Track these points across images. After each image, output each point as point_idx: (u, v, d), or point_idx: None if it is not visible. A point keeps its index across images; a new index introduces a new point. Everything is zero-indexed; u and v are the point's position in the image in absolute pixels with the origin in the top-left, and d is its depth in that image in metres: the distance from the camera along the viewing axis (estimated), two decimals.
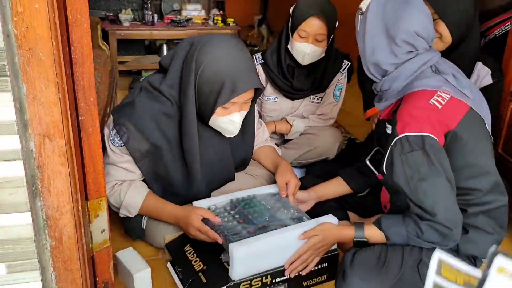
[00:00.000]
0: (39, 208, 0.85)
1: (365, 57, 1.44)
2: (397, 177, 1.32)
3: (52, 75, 0.78)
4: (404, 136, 1.29)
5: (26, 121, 0.79)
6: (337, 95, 2.21)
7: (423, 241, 1.33)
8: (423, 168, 1.28)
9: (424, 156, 1.27)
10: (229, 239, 1.42)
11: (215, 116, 1.53)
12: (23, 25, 0.74)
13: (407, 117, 1.30)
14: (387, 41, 1.37)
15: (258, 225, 1.51)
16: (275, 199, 1.68)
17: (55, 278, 0.91)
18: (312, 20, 1.96)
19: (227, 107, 1.52)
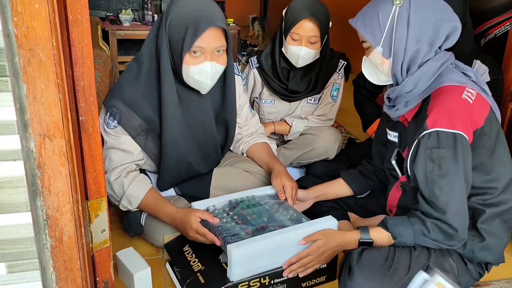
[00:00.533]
0: (39, 208, 0.85)
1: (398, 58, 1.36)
2: (417, 168, 1.32)
3: (52, 75, 0.79)
4: (435, 131, 1.27)
5: (26, 121, 0.79)
6: (335, 96, 2.21)
7: (430, 240, 1.33)
8: (446, 165, 1.27)
9: (451, 154, 1.27)
10: (227, 241, 1.42)
11: (186, 66, 1.51)
12: (23, 25, 0.74)
13: (440, 111, 1.28)
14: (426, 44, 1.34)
15: (256, 226, 1.51)
16: (274, 200, 1.68)
17: (55, 278, 0.91)
18: (304, 23, 1.96)
19: (196, 56, 1.49)
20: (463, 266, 1.40)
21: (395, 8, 1.33)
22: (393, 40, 1.34)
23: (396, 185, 1.57)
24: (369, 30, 1.36)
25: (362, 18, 1.39)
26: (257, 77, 2.24)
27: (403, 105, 1.41)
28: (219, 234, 1.48)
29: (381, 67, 1.41)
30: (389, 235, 1.36)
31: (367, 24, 1.37)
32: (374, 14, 1.36)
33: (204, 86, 1.57)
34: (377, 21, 1.35)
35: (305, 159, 2.16)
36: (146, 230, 1.74)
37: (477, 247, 1.38)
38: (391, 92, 1.43)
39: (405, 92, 1.38)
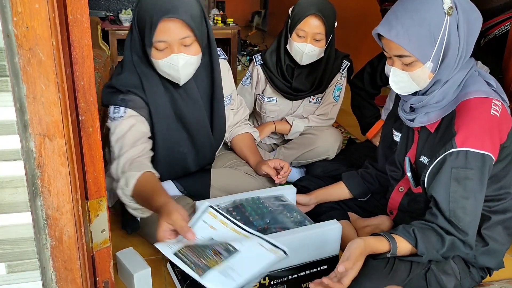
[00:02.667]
0: (39, 208, 0.85)
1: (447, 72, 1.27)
2: (438, 185, 1.26)
3: (52, 75, 0.79)
4: (464, 151, 1.22)
5: (26, 121, 0.79)
6: (337, 96, 2.21)
7: (439, 255, 1.28)
8: (471, 186, 1.23)
9: (477, 175, 1.22)
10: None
11: (155, 60, 1.49)
12: (23, 25, 0.74)
13: (470, 129, 1.23)
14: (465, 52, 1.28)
15: (257, 227, 1.51)
16: (279, 202, 1.68)
17: (55, 278, 0.91)
18: (310, 20, 1.96)
19: (162, 48, 1.46)
20: (466, 270, 1.40)
21: (446, 17, 1.21)
22: (442, 53, 1.24)
23: (397, 187, 1.56)
24: (416, 45, 1.22)
25: (405, 31, 1.22)
26: (261, 74, 2.24)
27: (423, 115, 1.35)
28: None
29: (423, 82, 1.30)
30: (411, 247, 1.27)
31: (413, 38, 1.22)
32: (422, 26, 1.21)
33: (175, 79, 1.54)
34: (428, 33, 1.22)
35: (305, 159, 2.16)
36: (143, 227, 1.74)
37: (479, 252, 1.37)
38: (416, 101, 1.35)
39: (433, 103, 1.32)
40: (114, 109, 1.56)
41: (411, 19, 1.22)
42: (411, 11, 1.23)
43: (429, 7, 1.22)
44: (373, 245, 1.27)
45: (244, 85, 2.30)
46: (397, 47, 1.25)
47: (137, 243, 1.79)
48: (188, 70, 1.53)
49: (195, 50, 1.51)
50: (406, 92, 1.35)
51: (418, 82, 1.30)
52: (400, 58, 1.28)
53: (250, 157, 1.90)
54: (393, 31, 1.23)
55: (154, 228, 1.68)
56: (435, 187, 1.27)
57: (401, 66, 1.30)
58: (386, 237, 1.28)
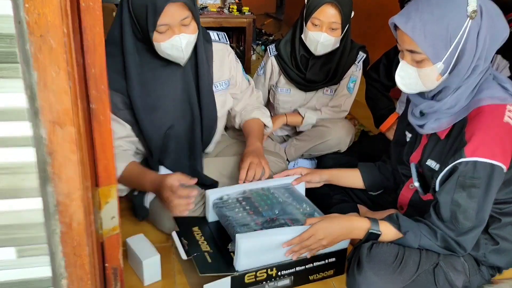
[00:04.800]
0: (49, 194, 0.86)
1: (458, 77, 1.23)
2: (443, 190, 1.26)
3: (63, 62, 0.79)
4: (473, 161, 1.20)
5: (37, 108, 0.79)
6: (351, 88, 2.18)
7: (436, 246, 1.31)
8: (475, 193, 1.22)
9: (484, 184, 1.21)
10: (237, 230, 1.43)
11: (157, 43, 1.52)
12: (34, 12, 0.74)
13: (481, 138, 1.20)
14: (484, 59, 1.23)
15: (267, 218, 1.51)
16: (289, 193, 1.68)
17: (64, 263, 0.92)
18: (326, 8, 1.94)
19: (163, 31, 1.50)
20: (475, 267, 1.39)
21: (468, 20, 1.16)
22: (456, 57, 1.20)
23: (408, 184, 1.55)
24: (431, 43, 1.18)
25: (422, 26, 1.18)
26: (275, 65, 2.23)
27: (433, 121, 1.31)
28: (229, 223, 1.49)
29: (430, 82, 1.26)
30: (396, 231, 1.34)
31: (428, 35, 1.18)
32: (440, 24, 1.17)
33: (179, 59, 1.59)
34: (445, 33, 1.17)
35: (316, 151, 2.15)
36: (153, 214, 1.76)
37: (489, 250, 1.36)
38: (427, 107, 1.31)
39: (445, 109, 1.28)
40: None
41: (431, 14, 1.18)
42: (433, 6, 1.18)
43: (453, 5, 1.17)
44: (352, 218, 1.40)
45: (258, 75, 2.29)
46: (410, 41, 1.21)
47: (148, 230, 1.81)
48: (189, 49, 1.58)
49: (194, 28, 1.56)
50: (411, 90, 1.32)
51: (425, 81, 1.27)
52: (411, 53, 1.24)
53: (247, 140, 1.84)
54: (410, 23, 1.20)
55: (163, 215, 1.71)
56: (441, 192, 1.27)
57: (411, 62, 1.26)
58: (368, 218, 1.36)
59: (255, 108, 1.95)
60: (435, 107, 1.29)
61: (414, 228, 1.32)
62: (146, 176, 1.59)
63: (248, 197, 1.64)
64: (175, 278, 1.58)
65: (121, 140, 1.66)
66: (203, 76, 1.71)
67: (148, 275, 1.53)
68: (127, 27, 1.53)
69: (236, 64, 1.91)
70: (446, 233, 1.28)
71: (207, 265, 1.41)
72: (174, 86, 1.68)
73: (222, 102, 1.85)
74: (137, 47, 1.58)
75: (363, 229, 1.37)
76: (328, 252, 1.52)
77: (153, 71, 1.62)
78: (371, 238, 1.37)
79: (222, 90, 1.85)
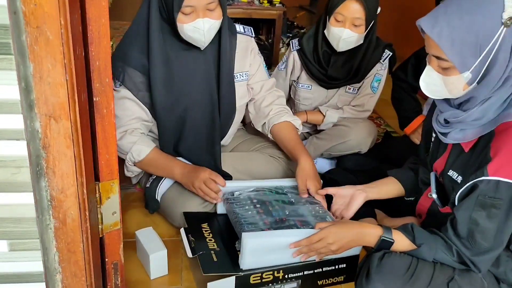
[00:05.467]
0: (43, 188, 0.84)
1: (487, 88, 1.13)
2: (460, 208, 1.19)
3: (60, 55, 0.76)
4: (495, 180, 1.11)
5: (32, 101, 0.78)
6: (375, 87, 2.10)
7: (451, 261, 1.24)
8: (495, 214, 1.14)
9: (505, 205, 1.13)
10: (244, 228, 1.40)
11: (180, 24, 1.53)
12: (31, 2, 0.72)
13: (506, 157, 1.11)
14: None
15: (276, 218, 1.47)
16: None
17: (58, 259, 0.91)
18: (350, 3, 1.86)
19: (188, 13, 1.50)
20: (495, 285, 1.31)
21: (502, 28, 1.06)
22: (486, 67, 1.10)
23: (426, 193, 1.47)
24: (458, 50, 1.08)
25: (450, 32, 1.08)
26: (297, 60, 2.17)
27: (458, 131, 1.22)
28: (237, 221, 1.46)
29: (456, 91, 1.17)
30: (410, 243, 1.27)
31: (456, 42, 1.08)
32: (470, 31, 1.07)
33: (200, 42, 1.58)
34: (474, 41, 1.07)
35: (336, 151, 2.08)
36: (164, 207, 1.74)
37: (510, 268, 1.28)
38: (452, 116, 1.22)
39: (471, 120, 1.18)
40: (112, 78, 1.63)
41: (460, 19, 1.07)
42: (464, 10, 1.07)
43: (486, 10, 1.06)
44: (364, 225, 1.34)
45: (280, 70, 2.23)
46: (437, 47, 1.12)
47: (159, 222, 1.80)
48: (211, 34, 1.58)
49: (218, 15, 1.56)
50: (436, 96, 1.23)
51: (450, 89, 1.18)
52: (437, 60, 1.15)
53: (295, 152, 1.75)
54: (437, 28, 1.09)
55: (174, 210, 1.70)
56: (458, 207, 1.20)
57: (437, 68, 1.17)
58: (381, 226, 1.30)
59: (281, 110, 1.88)
60: (460, 117, 1.20)
61: (430, 241, 1.25)
62: (176, 163, 1.66)
63: (260, 196, 1.60)
64: (182, 273, 1.57)
65: (138, 122, 1.67)
66: (224, 64, 1.70)
67: (154, 269, 1.51)
68: (154, 6, 1.54)
69: (257, 58, 1.87)
70: (462, 251, 1.21)
71: (211, 265, 1.39)
72: (195, 70, 1.68)
73: (242, 94, 1.83)
74: (162, 27, 1.58)
75: (375, 236, 1.30)
76: (339, 257, 1.47)
77: (175, 53, 1.63)
78: (383, 246, 1.30)
79: (242, 81, 1.82)
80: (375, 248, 1.31)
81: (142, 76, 1.62)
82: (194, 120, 1.72)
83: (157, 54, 1.59)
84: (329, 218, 1.51)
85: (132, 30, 1.63)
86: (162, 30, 1.58)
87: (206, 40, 1.57)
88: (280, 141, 1.84)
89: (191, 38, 1.57)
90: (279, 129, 1.84)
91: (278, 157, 1.87)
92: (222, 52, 1.68)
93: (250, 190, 1.63)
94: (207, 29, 1.54)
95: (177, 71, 1.65)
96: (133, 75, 1.61)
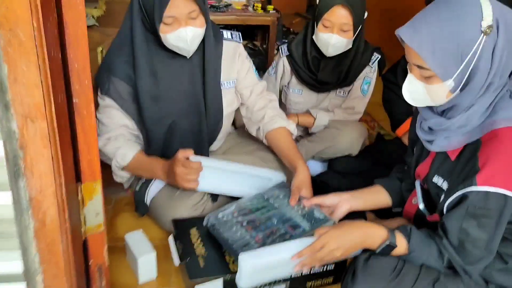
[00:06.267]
0: (22, 188, 0.85)
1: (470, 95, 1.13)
2: (451, 219, 1.17)
3: (33, 56, 0.78)
4: (485, 191, 1.09)
5: (8, 102, 0.79)
6: (365, 89, 2.12)
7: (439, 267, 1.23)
8: (486, 223, 1.13)
9: (496, 215, 1.11)
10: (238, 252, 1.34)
11: (163, 35, 1.53)
12: (3, 5, 0.74)
13: (495, 167, 1.09)
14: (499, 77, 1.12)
15: (266, 232, 1.45)
16: (283, 194, 1.63)
17: (38, 259, 0.91)
18: (337, 9, 1.88)
19: (169, 23, 1.51)
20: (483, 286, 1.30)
21: (482, 36, 1.06)
22: (468, 74, 1.10)
23: (410, 199, 1.46)
24: (440, 60, 1.09)
25: (431, 42, 1.08)
26: (287, 66, 2.19)
27: (443, 139, 1.21)
28: (229, 247, 1.43)
29: (439, 99, 1.17)
30: (406, 246, 1.24)
31: (437, 51, 1.08)
32: (450, 41, 1.07)
33: (185, 51, 1.59)
34: (455, 51, 1.07)
35: (327, 154, 2.09)
36: (153, 210, 1.75)
37: (496, 269, 1.27)
38: (436, 124, 1.21)
39: (456, 128, 1.17)
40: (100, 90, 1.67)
41: (440, 29, 1.07)
42: (443, 20, 1.07)
43: (465, 19, 1.06)
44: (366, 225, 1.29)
45: (269, 75, 2.26)
46: (418, 56, 1.11)
47: (149, 226, 1.80)
48: (196, 42, 1.58)
49: (201, 22, 1.56)
50: (419, 104, 1.24)
51: (433, 97, 1.18)
52: (419, 69, 1.15)
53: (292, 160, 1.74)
54: (417, 38, 1.09)
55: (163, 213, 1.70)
56: (448, 217, 1.18)
57: (419, 77, 1.17)
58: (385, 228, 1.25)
59: (276, 115, 1.87)
60: (444, 125, 1.19)
61: (423, 249, 1.23)
62: (158, 162, 1.65)
63: (243, 209, 1.57)
64: (171, 277, 1.57)
65: (124, 128, 1.69)
66: (209, 72, 1.70)
67: (143, 272, 1.52)
68: (136, 17, 1.56)
69: (246, 63, 1.87)
70: (455, 259, 1.19)
71: (198, 270, 1.39)
72: (181, 78, 1.68)
73: (230, 101, 1.83)
74: (146, 37, 1.59)
75: (379, 238, 1.25)
76: None
77: (161, 63, 1.64)
78: (385, 251, 1.26)
79: (230, 89, 1.82)
80: (378, 252, 1.26)
81: (128, 87, 1.64)
82: (182, 129, 1.73)
83: (143, 65, 1.60)
84: (317, 212, 1.49)
85: (117, 41, 1.65)
86: (146, 41, 1.59)
87: (191, 49, 1.58)
88: (276, 148, 1.84)
89: (176, 47, 1.57)
90: (274, 136, 1.83)
91: (270, 161, 1.88)
92: (207, 60, 1.68)
93: (232, 208, 1.59)
94: (190, 38, 1.54)
95: (163, 81, 1.65)
96: (119, 86, 1.63)
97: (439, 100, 1.18)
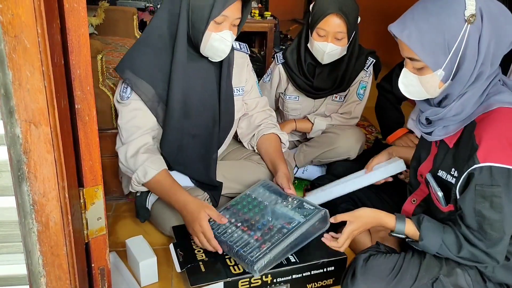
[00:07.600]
0: (25, 192, 0.87)
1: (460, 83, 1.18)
2: (464, 203, 1.20)
3: (37, 62, 0.79)
4: (488, 166, 1.13)
5: (12, 107, 0.81)
6: (361, 94, 2.14)
7: (457, 257, 1.25)
8: (498, 202, 1.16)
9: (505, 191, 1.15)
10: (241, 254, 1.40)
11: (208, 32, 1.55)
12: (8, 12, 0.75)
13: (492, 141, 1.14)
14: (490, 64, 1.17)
15: (263, 229, 1.47)
16: (269, 191, 1.64)
17: (42, 262, 0.93)
18: (331, 19, 1.91)
19: (220, 22, 1.54)
20: (481, 283, 1.32)
21: (466, 25, 1.12)
22: (457, 63, 1.15)
23: (410, 199, 1.49)
24: (429, 51, 1.15)
25: (419, 34, 1.14)
26: (282, 73, 2.21)
27: (441, 129, 1.27)
28: (230, 248, 1.45)
29: (433, 90, 1.22)
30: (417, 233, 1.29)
31: (426, 44, 1.14)
32: (437, 31, 1.13)
33: (221, 53, 1.61)
34: (442, 41, 1.13)
35: (325, 158, 2.11)
36: (154, 216, 1.76)
37: (498, 267, 1.29)
38: (432, 114, 1.26)
39: (451, 116, 1.23)
40: (122, 89, 1.64)
41: (427, 22, 1.14)
42: (429, 13, 1.14)
43: (449, 11, 1.13)
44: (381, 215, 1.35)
45: (264, 82, 2.28)
46: (408, 49, 1.18)
47: (150, 231, 1.82)
48: (230, 48, 1.63)
49: (236, 32, 1.62)
50: (415, 96, 1.28)
51: (427, 88, 1.23)
52: (411, 61, 1.21)
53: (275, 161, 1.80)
54: (406, 32, 1.16)
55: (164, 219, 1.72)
56: (462, 204, 1.21)
57: (412, 69, 1.23)
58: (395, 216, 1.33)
59: (269, 123, 1.92)
60: (440, 113, 1.24)
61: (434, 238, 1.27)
62: (177, 195, 1.57)
63: (234, 212, 1.59)
64: (172, 281, 1.58)
65: (147, 134, 1.65)
66: (225, 79, 1.73)
67: (144, 276, 1.53)
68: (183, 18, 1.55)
69: (252, 75, 1.92)
70: (476, 244, 1.21)
71: (199, 276, 1.40)
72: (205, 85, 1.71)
73: (238, 107, 1.87)
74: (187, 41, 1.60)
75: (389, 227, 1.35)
76: (327, 260, 1.48)
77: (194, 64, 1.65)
78: None
79: (239, 96, 1.87)
80: None
81: (152, 88, 1.63)
82: (196, 134, 1.75)
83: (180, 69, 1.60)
84: (305, 204, 1.51)
85: (148, 42, 1.62)
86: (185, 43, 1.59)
87: (227, 52, 1.62)
88: (263, 150, 1.88)
89: (214, 47, 1.58)
90: (266, 139, 1.88)
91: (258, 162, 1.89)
92: (224, 67, 1.71)
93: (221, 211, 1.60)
94: (230, 41, 1.58)
95: (194, 96, 1.67)
96: (142, 84, 1.61)
97: (433, 91, 1.23)
